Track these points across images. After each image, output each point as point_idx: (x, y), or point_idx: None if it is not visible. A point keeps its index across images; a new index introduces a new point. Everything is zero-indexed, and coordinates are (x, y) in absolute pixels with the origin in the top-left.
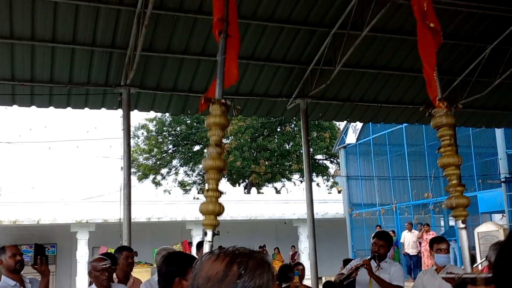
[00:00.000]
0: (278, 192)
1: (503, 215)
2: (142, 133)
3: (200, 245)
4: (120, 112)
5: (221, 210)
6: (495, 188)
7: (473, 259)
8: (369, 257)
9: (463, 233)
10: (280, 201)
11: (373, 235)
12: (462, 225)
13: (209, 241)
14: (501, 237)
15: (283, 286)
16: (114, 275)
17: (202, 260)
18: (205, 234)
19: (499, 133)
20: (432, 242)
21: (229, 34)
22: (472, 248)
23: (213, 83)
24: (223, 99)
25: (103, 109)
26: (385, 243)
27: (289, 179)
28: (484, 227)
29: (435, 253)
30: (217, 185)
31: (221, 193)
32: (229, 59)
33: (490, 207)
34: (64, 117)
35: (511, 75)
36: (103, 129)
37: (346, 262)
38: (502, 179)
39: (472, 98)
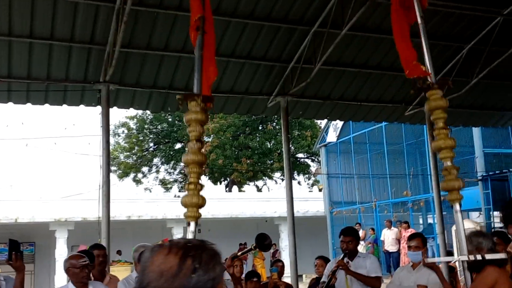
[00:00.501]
0: (259, 190)
1: (480, 213)
2: (123, 131)
3: None
4: (99, 109)
5: (203, 202)
6: (472, 187)
7: (450, 256)
8: (341, 256)
9: (459, 216)
10: (261, 199)
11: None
12: (458, 208)
13: (192, 232)
14: None
15: (262, 283)
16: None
17: (151, 253)
18: (188, 224)
19: (476, 132)
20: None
21: (205, 30)
22: (449, 245)
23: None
24: (202, 95)
25: (81, 106)
26: (352, 238)
27: (271, 177)
28: None
29: (407, 250)
30: (198, 178)
31: (202, 186)
32: (206, 57)
33: (467, 205)
34: (42, 113)
35: (487, 75)
36: (82, 126)
37: (326, 260)
38: (479, 178)
39: (450, 97)
